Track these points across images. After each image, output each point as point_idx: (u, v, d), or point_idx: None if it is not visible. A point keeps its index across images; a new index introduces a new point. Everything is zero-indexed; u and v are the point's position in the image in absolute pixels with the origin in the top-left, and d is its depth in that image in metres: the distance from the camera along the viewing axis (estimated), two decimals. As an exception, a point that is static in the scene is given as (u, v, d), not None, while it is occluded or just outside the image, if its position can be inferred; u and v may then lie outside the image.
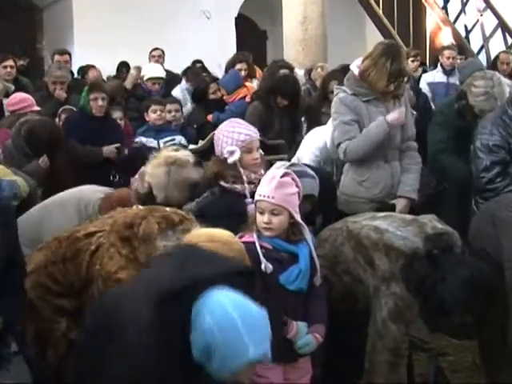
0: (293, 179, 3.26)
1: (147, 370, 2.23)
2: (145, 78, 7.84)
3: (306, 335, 3.19)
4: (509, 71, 8.42)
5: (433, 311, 3.18)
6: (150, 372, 2.22)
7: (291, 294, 3.20)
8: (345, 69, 5.62)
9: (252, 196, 3.44)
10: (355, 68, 4.48)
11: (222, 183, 3.69)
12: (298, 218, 3.22)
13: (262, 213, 3.20)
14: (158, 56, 9.27)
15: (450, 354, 4.75)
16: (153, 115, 6.34)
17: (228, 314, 2.20)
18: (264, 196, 3.19)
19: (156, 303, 2.23)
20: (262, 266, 3.09)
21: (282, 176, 3.23)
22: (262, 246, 3.16)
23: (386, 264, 3.36)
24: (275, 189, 3.17)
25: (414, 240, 3.34)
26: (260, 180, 3.41)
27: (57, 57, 8.16)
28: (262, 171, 3.63)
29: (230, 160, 3.58)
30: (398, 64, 4.31)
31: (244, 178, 3.64)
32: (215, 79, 7.71)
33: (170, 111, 6.54)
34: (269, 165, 3.78)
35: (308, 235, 3.26)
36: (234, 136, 3.62)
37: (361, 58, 4.49)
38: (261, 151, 3.70)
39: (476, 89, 5.02)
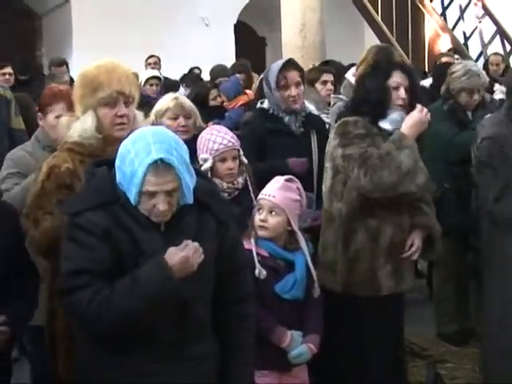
0: (297, 188, 3.30)
1: None
2: (142, 83, 7.88)
3: (300, 345, 3.18)
4: (499, 73, 8.38)
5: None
6: None
7: (286, 303, 3.20)
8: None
9: None
10: (351, 76, 4.50)
11: None
12: (295, 226, 3.24)
13: (260, 211, 3.23)
14: (153, 63, 9.28)
15: (449, 361, 4.75)
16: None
17: (142, 131, 2.44)
18: (266, 194, 3.23)
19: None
20: (256, 272, 3.09)
21: (288, 180, 3.27)
22: (258, 254, 3.17)
23: None
24: (278, 189, 3.23)
25: None
26: (235, 189, 3.50)
27: (53, 69, 8.11)
28: (240, 180, 3.57)
29: (203, 168, 3.49)
30: None
31: None
32: (216, 85, 7.71)
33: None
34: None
35: (304, 245, 3.27)
36: (208, 144, 3.55)
37: (355, 67, 4.52)
38: (244, 159, 3.61)
39: (456, 73, 4.92)
